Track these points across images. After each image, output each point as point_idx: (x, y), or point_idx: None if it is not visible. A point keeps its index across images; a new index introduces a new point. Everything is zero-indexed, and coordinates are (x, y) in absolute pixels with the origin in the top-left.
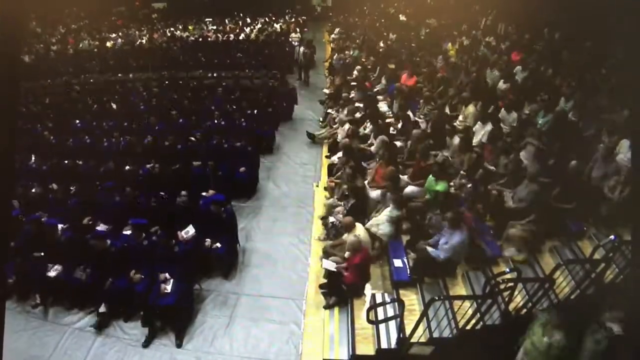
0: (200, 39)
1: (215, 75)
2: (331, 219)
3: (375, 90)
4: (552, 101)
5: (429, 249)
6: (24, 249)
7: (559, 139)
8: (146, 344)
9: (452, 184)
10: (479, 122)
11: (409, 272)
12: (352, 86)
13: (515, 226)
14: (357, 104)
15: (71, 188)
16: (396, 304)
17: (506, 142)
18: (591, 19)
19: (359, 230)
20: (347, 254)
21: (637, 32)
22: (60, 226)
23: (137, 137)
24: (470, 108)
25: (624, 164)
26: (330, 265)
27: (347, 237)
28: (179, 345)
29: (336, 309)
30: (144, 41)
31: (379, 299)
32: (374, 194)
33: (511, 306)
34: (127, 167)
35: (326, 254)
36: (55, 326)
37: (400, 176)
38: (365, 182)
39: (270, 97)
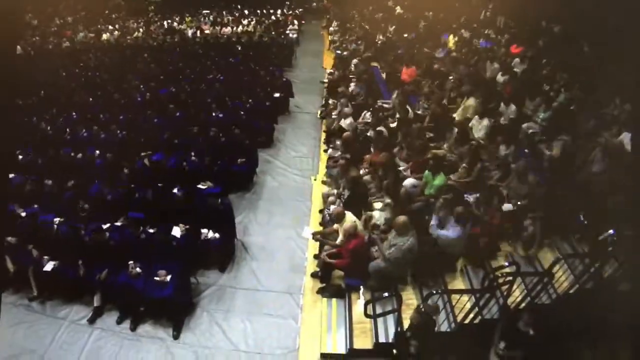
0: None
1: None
2: (326, 210)
3: None
4: (551, 95)
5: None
6: (19, 243)
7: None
8: (133, 327)
9: (451, 177)
10: (476, 117)
11: None
12: (350, 79)
13: None
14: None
15: (68, 182)
16: (394, 298)
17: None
18: (591, 12)
19: (349, 219)
20: (339, 240)
21: (637, 24)
22: (56, 220)
23: (135, 130)
24: (471, 100)
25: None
26: (308, 233)
27: (339, 227)
28: (176, 337)
29: (334, 303)
30: (140, 33)
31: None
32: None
33: (510, 300)
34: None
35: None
36: (52, 319)
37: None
38: (361, 171)
39: (268, 89)
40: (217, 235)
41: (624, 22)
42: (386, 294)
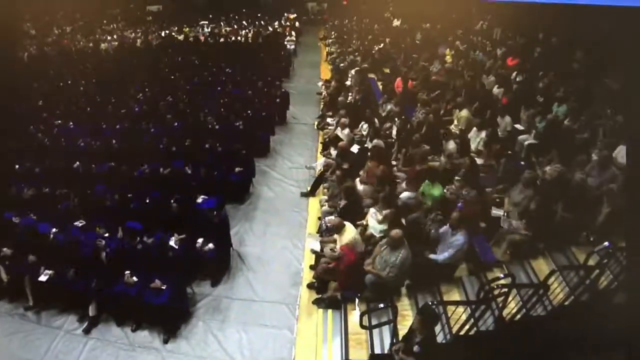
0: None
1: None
2: (323, 220)
3: None
4: (545, 107)
5: (431, 255)
6: (16, 252)
7: (553, 145)
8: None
9: (446, 190)
10: (474, 129)
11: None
12: (348, 89)
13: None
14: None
15: (64, 191)
16: (389, 309)
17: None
18: (588, 26)
19: (349, 230)
20: (338, 247)
21: (631, 38)
22: (53, 229)
23: (132, 139)
24: (464, 112)
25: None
26: (316, 245)
27: (339, 238)
28: (165, 341)
29: (330, 314)
30: (138, 43)
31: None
32: (361, 188)
33: (505, 312)
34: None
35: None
36: (47, 329)
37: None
38: (357, 179)
39: (264, 100)
40: (211, 246)
41: (618, 31)
42: (382, 305)
